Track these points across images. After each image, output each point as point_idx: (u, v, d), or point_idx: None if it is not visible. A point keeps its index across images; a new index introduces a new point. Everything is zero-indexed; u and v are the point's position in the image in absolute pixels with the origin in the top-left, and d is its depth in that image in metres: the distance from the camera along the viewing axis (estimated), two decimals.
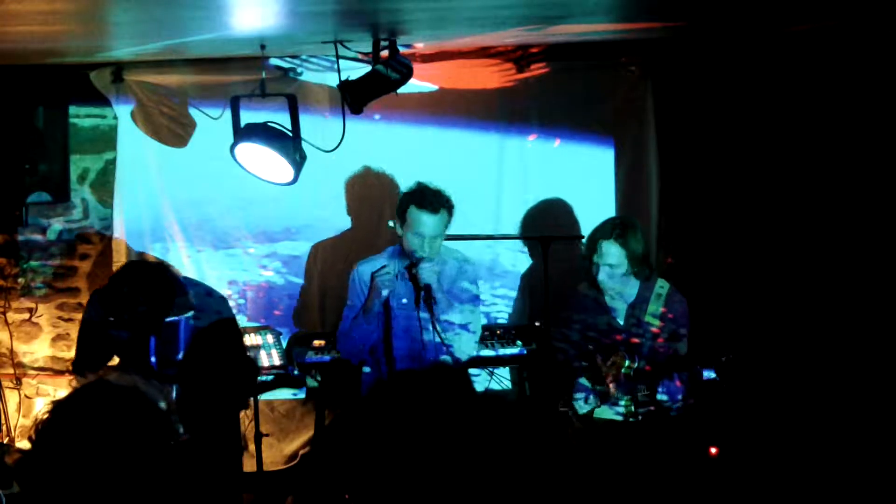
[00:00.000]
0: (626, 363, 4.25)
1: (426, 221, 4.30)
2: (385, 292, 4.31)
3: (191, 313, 4.00)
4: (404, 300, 4.39)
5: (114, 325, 3.91)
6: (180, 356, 3.96)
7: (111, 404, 1.83)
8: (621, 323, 4.42)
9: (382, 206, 5.38)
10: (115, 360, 4.25)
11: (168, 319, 3.94)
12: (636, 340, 4.37)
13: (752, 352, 5.07)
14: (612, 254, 4.29)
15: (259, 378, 4.74)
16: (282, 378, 4.97)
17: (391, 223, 4.53)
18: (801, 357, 4.96)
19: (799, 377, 4.95)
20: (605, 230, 4.36)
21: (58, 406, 1.86)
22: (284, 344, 5.19)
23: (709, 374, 4.05)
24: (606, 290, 4.40)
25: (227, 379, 4.04)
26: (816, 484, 4.28)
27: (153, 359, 3.98)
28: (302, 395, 5.44)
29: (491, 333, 5.16)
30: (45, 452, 1.79)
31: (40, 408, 1.97)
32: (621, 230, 4.33)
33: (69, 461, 1.77)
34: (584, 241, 4.56)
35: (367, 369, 4.54)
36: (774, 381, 4.97)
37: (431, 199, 4.31)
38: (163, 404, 1.88)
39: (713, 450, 4.20)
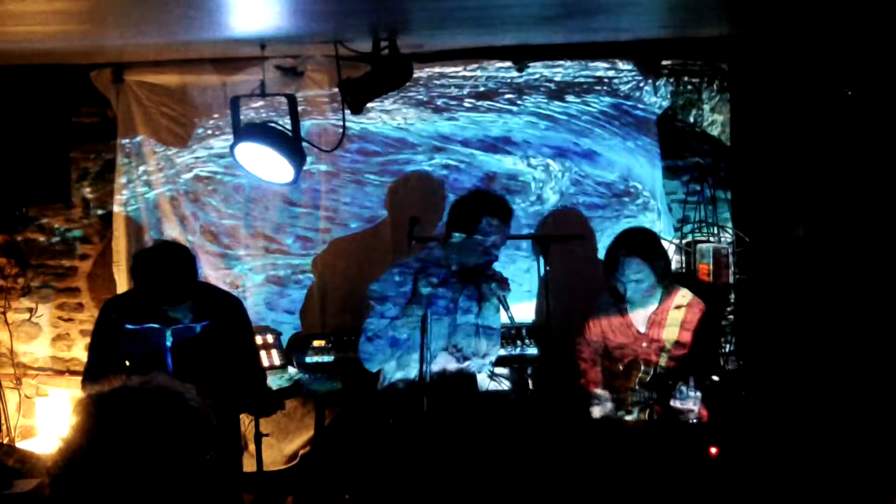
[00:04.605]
0: (643, 371, 4.30)
1: (501, 232, 4.20)
2: (426, 291, 4.07)
3: (206, 322, 3.92)
4: (446, 302, 4.25)
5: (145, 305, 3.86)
6: (196, 363, 3.84)
7: (158, 407, 1.80)
8: (642, 331, 4.44)
9: (400, 210, 5.36)
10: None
11: (183, 325, 3.89)
12: (655, 349, 4.38)
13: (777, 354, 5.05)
14: (635, 269, 4.31)
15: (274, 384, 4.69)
16: (297, 386, 4.88)
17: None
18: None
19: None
20: (623, 244, 4.37)
21: (99, 400, 1.81)
22: (284, 344, 5.20)
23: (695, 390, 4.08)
24: (633, 303, 4.42)
25: (240, 386, 3.96)
26: (817, 484, 4.27)
27: (169, 366, 3.89)
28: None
29: None
30: (83, 451, 1.75)
31: (74, 400, 1.91)
32: (637, 241, 4.35)
33: (109, 462, 1.74)
34: (601, 257, 4.58)
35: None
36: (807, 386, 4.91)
37: (506, 209, 4.23)
38: (201, 410, 1.86)
39: (713, 450, 4.19)
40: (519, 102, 5.46)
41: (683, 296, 4.47)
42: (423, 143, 5.50)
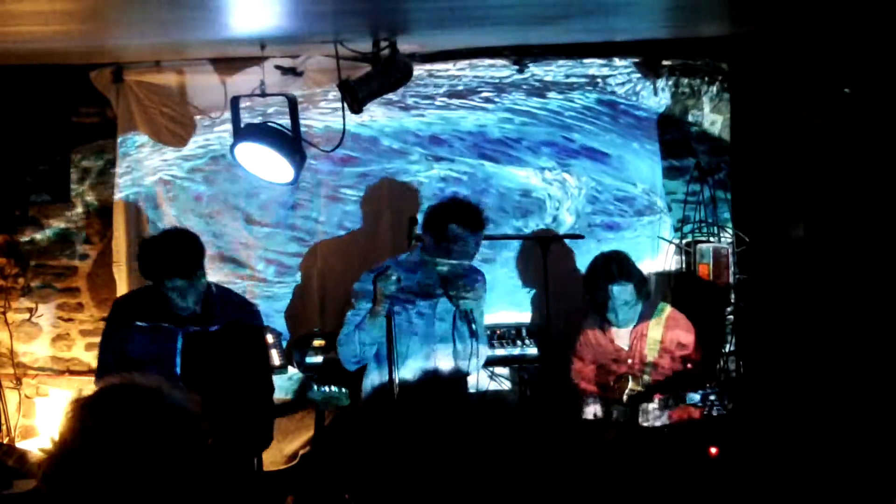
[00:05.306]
0: (630, 385, 4.32)
1: (469, 240, 4.03)
2: (387, 300, 4.02)
3: (218, 326, 3.87)
4: (424, 308, 4.17)
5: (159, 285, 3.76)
6: (206, 366, 3.80)
7: (137, 405, 1.81)
8: (626, 348, 4.44)
9: (400, 212, 5.28)
10: None
11: (193, 329, 3.84)
12: (638, 365, 4.39)
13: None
14: (625, 292, 4.32)
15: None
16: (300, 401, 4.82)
17: (418, 231, 4.16)
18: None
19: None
20: (607, 273, 4.35)
21: (82, 405, 1.84)
22: (284, 344, 5.19)
23: (692, 399, 4.07)
24: (623, 325, 4.43)
25: (248, 394, 3.89)
26: (817, 484, 4.28)
27: (178, 370, 3.83)
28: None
29: (492, 334, 5.16)
30: (71, 453, 1.77)
31: (64, 405, 1.94)
32: (620, 267, 4.35)
33: (96, 461, 1.76)
34: (585, 284, 4.51)
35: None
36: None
37: (475, 217, 4.04)
38: (189, 407, 1.86)
39: (713, 450, 4.20)
40: (498, 100, 5.43)
41: (660, 310, 4.49)
42: (413, 150, 5.46)
